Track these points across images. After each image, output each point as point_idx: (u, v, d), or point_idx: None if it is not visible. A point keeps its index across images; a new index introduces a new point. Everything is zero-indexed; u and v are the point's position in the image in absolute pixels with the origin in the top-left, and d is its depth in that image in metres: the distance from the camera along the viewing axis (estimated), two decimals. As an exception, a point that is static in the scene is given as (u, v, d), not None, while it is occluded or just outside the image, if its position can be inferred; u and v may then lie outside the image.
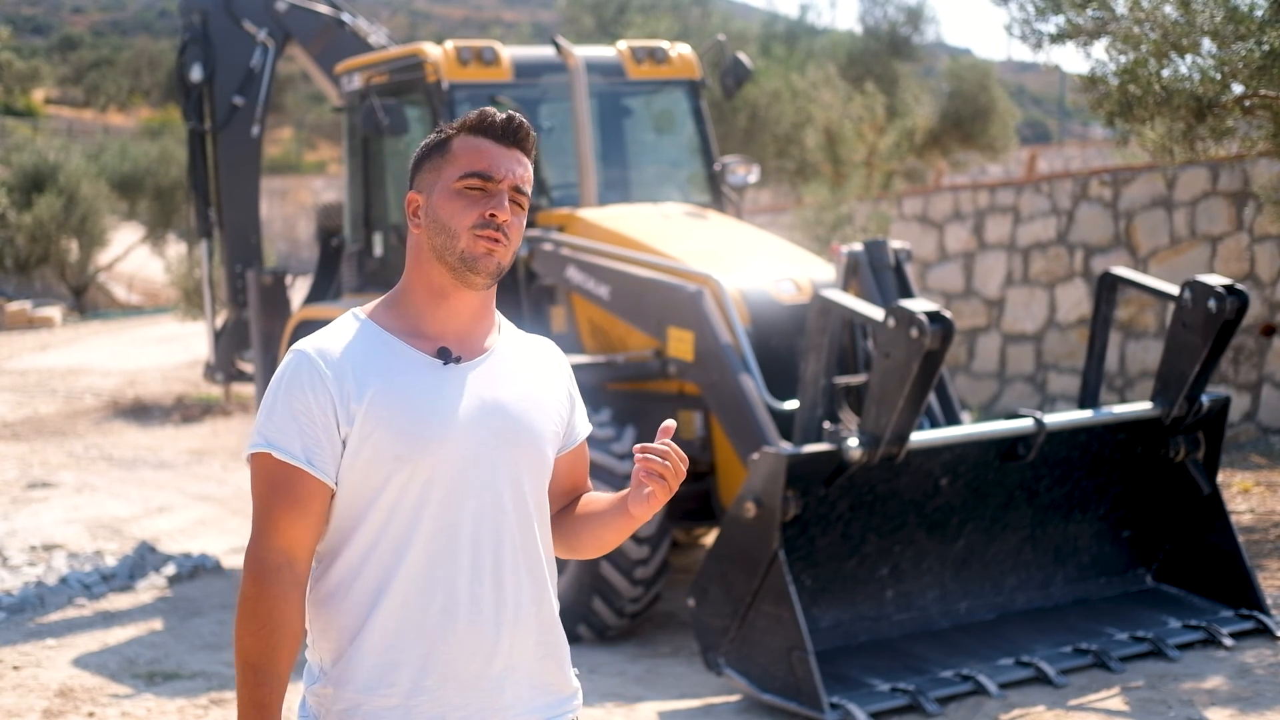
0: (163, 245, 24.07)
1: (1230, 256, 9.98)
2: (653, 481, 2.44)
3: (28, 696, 6.29)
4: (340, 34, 9.46)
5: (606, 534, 2.61)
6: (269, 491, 2.42)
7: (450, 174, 2.48)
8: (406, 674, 2.43)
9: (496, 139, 2.49)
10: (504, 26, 45.59)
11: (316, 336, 2.48)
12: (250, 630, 2.38)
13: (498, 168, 2.47)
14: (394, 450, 2.41)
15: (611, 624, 6.77)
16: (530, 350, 2.61)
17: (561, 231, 7.54)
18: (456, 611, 2.44)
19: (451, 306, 2.50)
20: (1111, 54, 7.63)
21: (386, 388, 2.42)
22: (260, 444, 2.41)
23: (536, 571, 2.53)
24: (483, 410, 2.47)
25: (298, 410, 2.40)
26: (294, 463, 2.39)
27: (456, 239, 2.46)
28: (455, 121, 2.53)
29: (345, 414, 2.40)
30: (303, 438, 2.40)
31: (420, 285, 2.51)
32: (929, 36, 19.86)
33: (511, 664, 2.49)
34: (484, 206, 2.46)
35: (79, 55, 46.90)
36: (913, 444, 5.75)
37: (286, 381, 2.43)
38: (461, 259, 2.46)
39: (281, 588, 2.39)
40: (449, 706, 2.44)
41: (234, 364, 9.89)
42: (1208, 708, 5.49)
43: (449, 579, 2.44)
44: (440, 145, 2.51)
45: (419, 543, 2.43)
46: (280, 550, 2.40)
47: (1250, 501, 8.34)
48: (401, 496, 2.43)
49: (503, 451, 2.48)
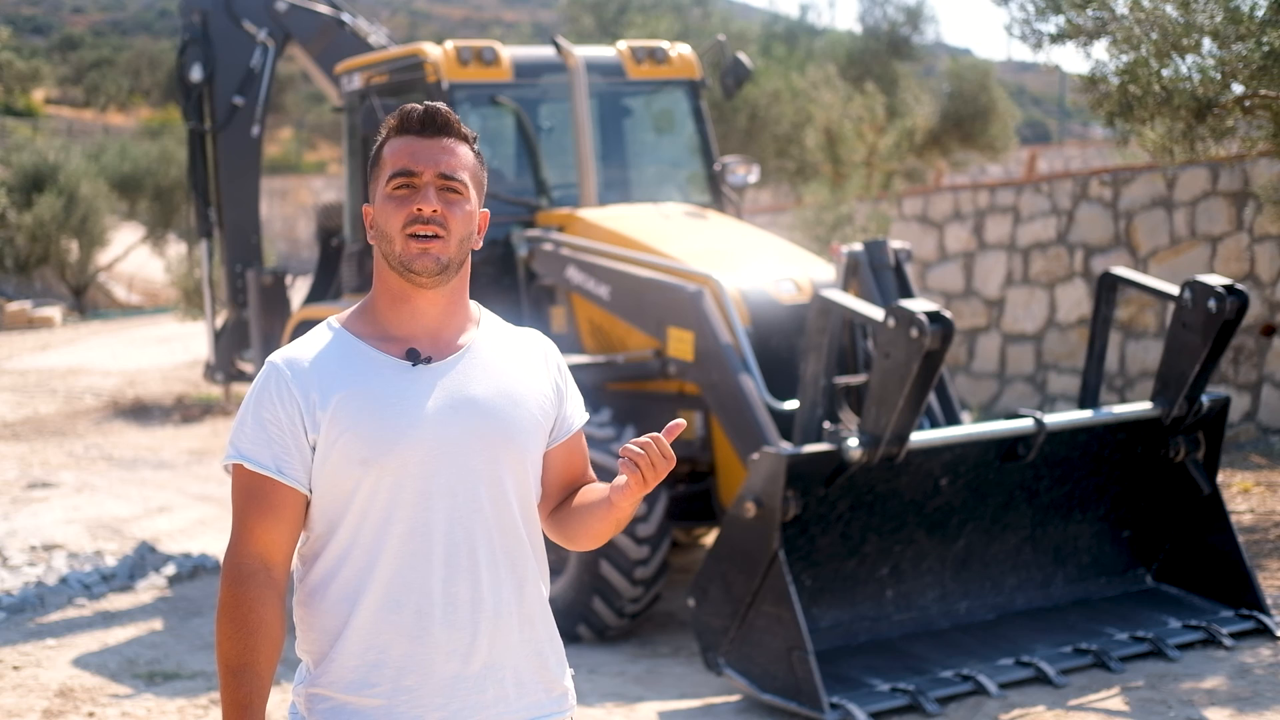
0: (163, 245, 24.07)
1: (1230, 256, 9.98)
2: (627, 470, 2.43)
3: (28, 696, 6.29)
4: (340, 34, 9.46)
5: (597, 525, 2.60)
6: (244, 500, 2.45)
7: (383, 179, 2.49)
8: (387, 675, 2.44)
9: (418, 133, 2.49)
10: (504, 26, 45.58)
11: (289, 347, 2.52)
12: (229, 634, 2.40)
13: (418, 161, 2.47)
14: (359, 454, 2.42)
15: (611, 624, 6.77)
16: (513, 343, 2.60)
17: (561, 231, 7.53)
18: (431, 611, 2.44)
19: (415, 307, 2.51)
20: (1112, 54, 7.63)
21: (352, 392, 2.44)
22: (232, 455, 2.46)
23: (520, 569, 2.52)
24: (452, 409, 2.46)
25: (266, 420, 2.44)
26: (265, 472, 2.43)
27: (393, 243, 2.47)
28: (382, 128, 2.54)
29: (311, 421, 2.43)
30: (271, 447, 2.43)
31: (382, 291, 2.53)
32: (929, 36, 19.85)
33: (493, 663, 2.48)
34: (410, 204, 2.46)
35: (79, 55, 46.90)
36: (913, 444, 5.75)
37: (256, 393, 2.47)
38: (400, 262, 2.47)
39: (258, 591, 2.41)
40: (428, 707, 2.45)
41: (234, 364, 9.89)
42: (1208, 708, 5.49)
43: (423, 579, 2.44)
44: (376, 155, 2.53)
45: (392, 544, 2.44)
46: (256, 556, 2.43)
47: (1250, 501, 8.34)
48: (371, 499, 2.44)
49: (476, 449, 2.47)
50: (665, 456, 2.43)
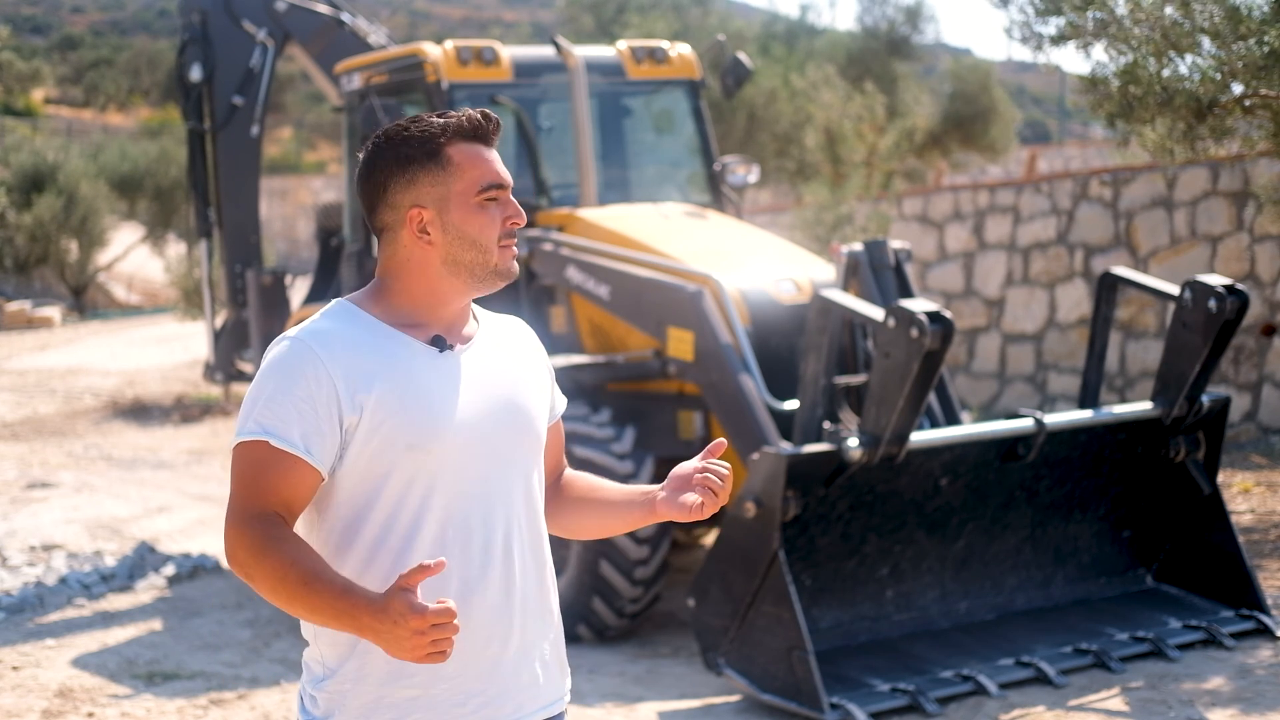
0: (162, 245, 24.07)
1: (1230, 256, 9.97)
2: (706, 496, 2.48)
3: (27, 696, 6.29)
4: (340, 34, 9.46)
5: (615, 524, 2.63)
6: (258, 475, 2.36)
7: (462, 187, 2.45)
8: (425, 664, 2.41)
9: (486, 143, 2.50)
10: (504, 26, 45.58)
11: (311, 324, 2.43)
12: (274, 560, 2.28)
13: (503, 174, 2.50)
14: (406, 439, 2.38)
15: (611, 624, 6.76)
16: (507, 332, 2.63)
17: (561, 231, 7.53)
18: (471, 598, 2.43)
19: (451, 306, 2.51)
20: (1112, 55, 7.62)
21: (394, 376, 2.40)
22: (255, 431, 2.36)
23: (541, 555, 2.55)
24: (484, 396, 2.47)
25: (299, 398, 2.35)
26: (292, 450, 2.34)
27: (489, 254, 2.47)
28: (432, 126, 2.46)
29: (351, 403, 2.36)
30: (302, 425, 2.35)
31: (422, 291, 2.48)
32: (929, 36, 19.86)
33: (524, 645, 2.50)
34: (503, 215, 2.49)
35: (79, 55, 46.92)
36: (913, 444, 5.75)
37: (282, 368, 2.37)
38: (495, 272, 2.48)
39: (276, 527, 2.33)
40: (469, 693, 2.44)
41: (234, 364, 9.88)
42: (1208, 708, 5.48)
43: (463, 565, 2.43)
44: (433, 154, 2.45)
45: (429, 531, 2.42)
46: (267, 508, 2.34)
47: (1250, 501, 8.34)
48: (409, 486, 2.41)
49: (506, 436, 2.49)
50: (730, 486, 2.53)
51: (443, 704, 2.42)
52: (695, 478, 2.47)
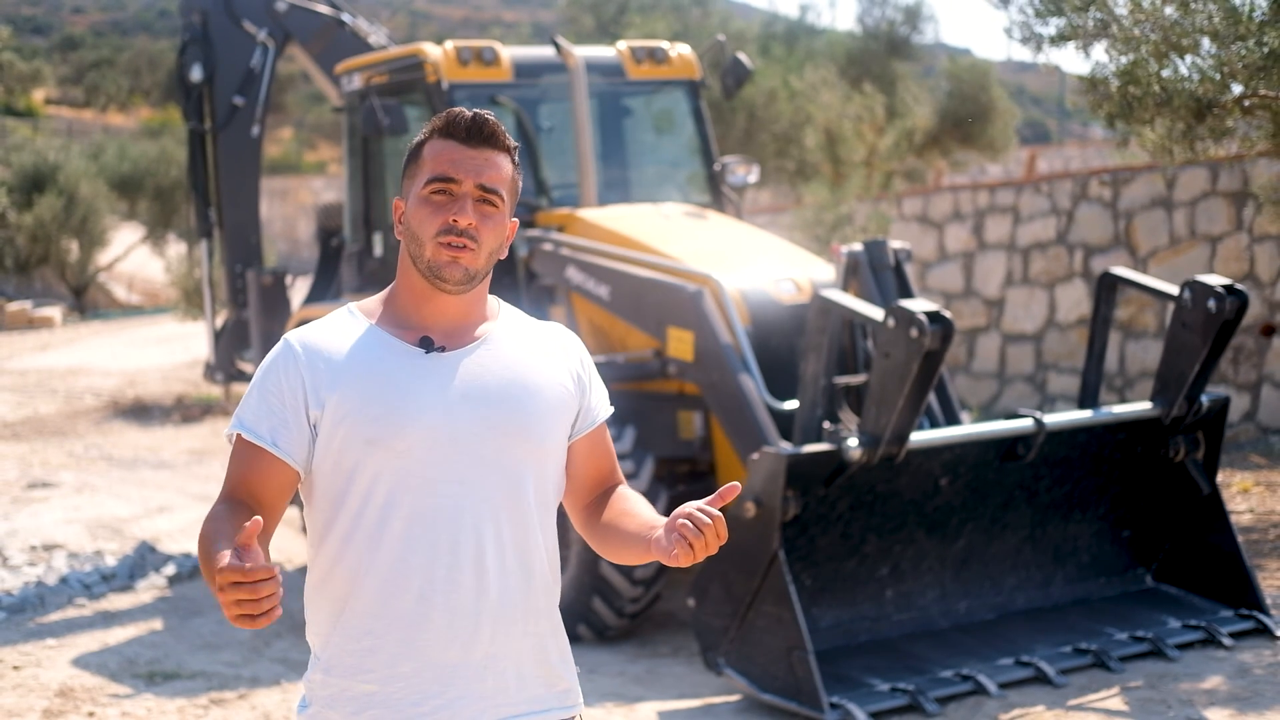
0: (163, 245, 24.06)
1: (1230, 256, 9.98)
2: (681, 547, 2.39)
3: (28, 696, 6.30)
4: (340, 34, 9.47)
5: (628, 555, 2.58)
6: (236, 467, 2.47)
7: (419, 180, 2.49)
8: (382, 659, 2.44)
9: (462, 140, 2.48)
10: (504, 26, 45.56)
11: (305, 327, 2.54)
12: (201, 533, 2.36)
13: (459, 170, 2.46)
14: (365, 435, 2.42)
15: (611, 624, 6.77)
16: (532, 335, 2.59)
17: (561, 231, 7.54)
18: (433, 598, 2.43)
19: (437, 306, 2.51)
20: (1111, 55, 7.62)
21: (362, 374, 2.45)
22: (234, 425, 2.48)
23: (529, 561, 2.51)
24: (464, 397, 2.46)
25: (269, 393, 2.46)
26: (259, 443, 2.44)
27: (424, 247, 2.47)
28: (429, 124, 2.53)
29: (315, 399, 2.44)
30: (270, 419, 2.44)
31: (406, 288, 2.53)
32: (928, 36, 19.83)
33: (494, 653, 2.47)
34: (447, 213, 2.45)
35: (79, 55, 46.94)
36: (913, 444, 5.75)
37: (265, 367, 2.50)
38: (429, 267, 2.47)
39: (224, 507, 2.42)
40: (425, 694, 2.44)
41: (234, 364, 9.90)
42: (1207, 708, 5.49)
43: (426, 565, 2.44)
44: (414, 151, 2.52)
45: (395, 528, 2.44)
46: (234, 495, 2.45)
47: (1250, 501, 8.34)
48: (375, 482, 2.44)
49: (488, 438, 2.46)
50: (720, 537, 2.39)
51: (398, 702, 2.43)
52: (677, 523, 2.39)
